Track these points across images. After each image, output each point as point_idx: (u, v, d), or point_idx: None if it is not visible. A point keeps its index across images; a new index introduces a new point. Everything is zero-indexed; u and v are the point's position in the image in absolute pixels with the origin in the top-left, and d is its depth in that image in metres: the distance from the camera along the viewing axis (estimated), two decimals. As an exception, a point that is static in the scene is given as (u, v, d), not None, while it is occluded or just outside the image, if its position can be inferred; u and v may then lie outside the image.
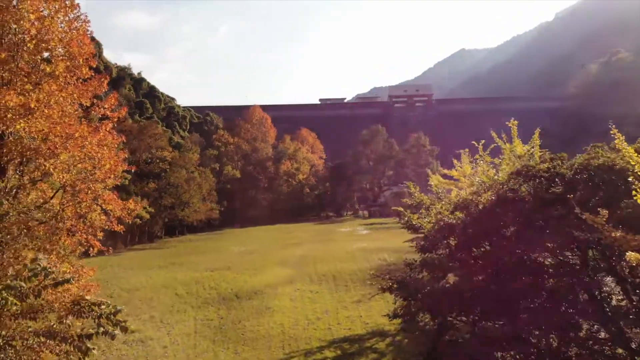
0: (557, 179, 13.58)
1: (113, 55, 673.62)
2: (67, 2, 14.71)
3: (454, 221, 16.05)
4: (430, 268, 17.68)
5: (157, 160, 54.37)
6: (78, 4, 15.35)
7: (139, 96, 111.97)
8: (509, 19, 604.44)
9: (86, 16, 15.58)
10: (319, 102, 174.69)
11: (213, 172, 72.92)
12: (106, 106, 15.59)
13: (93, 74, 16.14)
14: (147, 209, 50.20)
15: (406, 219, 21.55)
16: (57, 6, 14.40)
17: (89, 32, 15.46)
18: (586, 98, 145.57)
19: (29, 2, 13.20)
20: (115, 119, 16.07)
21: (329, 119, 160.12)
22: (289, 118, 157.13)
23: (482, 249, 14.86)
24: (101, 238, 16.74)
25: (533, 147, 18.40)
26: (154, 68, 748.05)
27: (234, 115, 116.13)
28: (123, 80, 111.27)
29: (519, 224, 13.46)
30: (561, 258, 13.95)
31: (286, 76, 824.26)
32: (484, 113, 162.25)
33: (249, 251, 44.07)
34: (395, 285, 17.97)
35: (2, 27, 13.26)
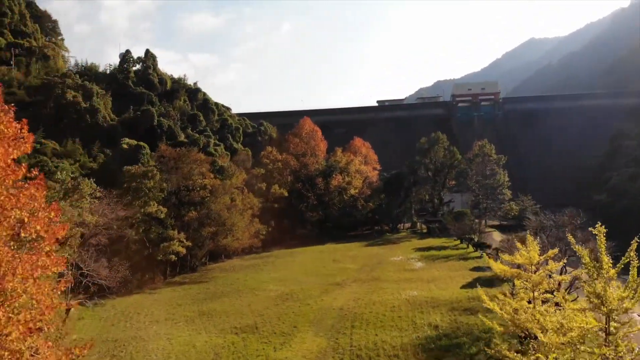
0: None
1: (180, 57, 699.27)
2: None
3: None
4: None
5: (198, 188, 52.06)
6: None
7: (194, 108, 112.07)
8: (582, 4, 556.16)
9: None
10: (377, 104, 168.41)
11: (259, 191, 70.18)
12: (39, 227, 11.87)
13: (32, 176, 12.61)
14: (184, 243, 48.11)
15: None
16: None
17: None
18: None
19: None
20: (53, 241, 12.38)
21: (388, 121, 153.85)
22: (345, 122, 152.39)
23: None
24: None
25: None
26: (220, 68, 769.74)
27: (290, 120, 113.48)
28: (177, 92, 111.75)
29: None
30: None
31: (346, 75, 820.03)
32: (555, 112, 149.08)
33: (285, 295, 40.32)
34: None
35: None
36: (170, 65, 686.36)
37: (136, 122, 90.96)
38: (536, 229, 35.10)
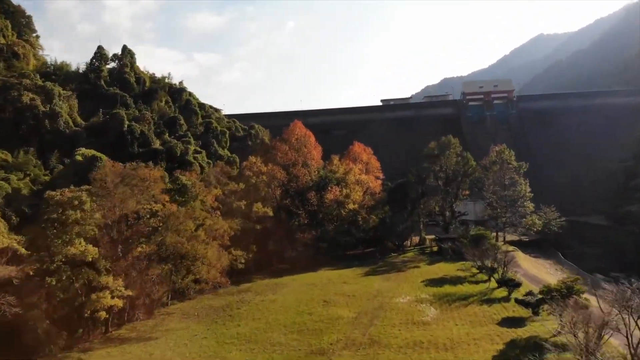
0: None
1: (185, 56, 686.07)
2: None
3: None
4: None
5: (147, 216, 40.89)
6: None
7: (176, 110, 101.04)
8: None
9: None
10: (381, 104, 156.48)
11: (239, 210, 59.06)
12: None
13: None
14: (122, 292, 36.86)
15: None
16: None
17: None
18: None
19: None
20: None
21: (392, 122, 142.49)
22: (346, 123, 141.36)
23: None
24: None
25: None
26: (224, 67, 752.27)
27: (286, 122, 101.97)
28: (156, 92, 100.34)
29: None
30: None
31: (347, 75, 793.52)
32: (570, 110, 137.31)
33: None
34: None
35: None
36: (175, 65, 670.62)
37: (105, 128, 79.95)
38: (613, 303, 23.48)
